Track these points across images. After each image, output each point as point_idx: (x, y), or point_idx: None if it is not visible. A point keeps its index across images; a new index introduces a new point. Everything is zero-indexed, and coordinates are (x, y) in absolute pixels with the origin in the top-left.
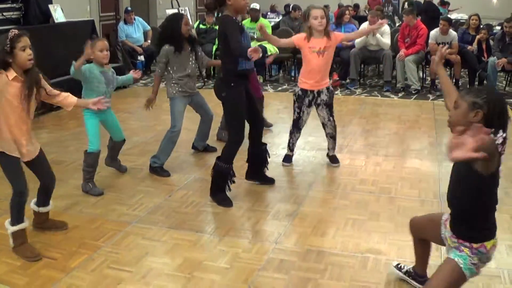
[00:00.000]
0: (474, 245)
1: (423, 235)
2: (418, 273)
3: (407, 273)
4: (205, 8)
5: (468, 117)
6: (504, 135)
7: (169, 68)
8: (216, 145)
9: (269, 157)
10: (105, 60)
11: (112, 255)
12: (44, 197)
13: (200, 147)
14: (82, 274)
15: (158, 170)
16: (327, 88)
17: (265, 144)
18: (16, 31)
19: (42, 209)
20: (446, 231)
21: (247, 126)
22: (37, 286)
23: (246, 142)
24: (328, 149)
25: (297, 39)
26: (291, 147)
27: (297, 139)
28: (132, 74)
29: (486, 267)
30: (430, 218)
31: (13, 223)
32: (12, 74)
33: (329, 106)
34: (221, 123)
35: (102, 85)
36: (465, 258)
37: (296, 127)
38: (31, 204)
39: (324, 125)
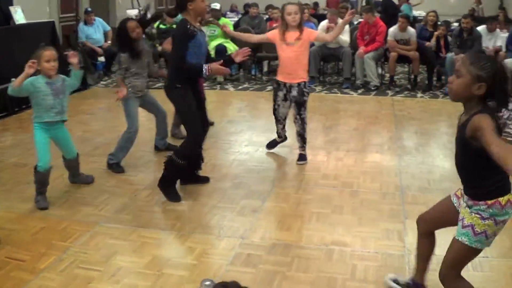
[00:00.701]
0: (489, 202)
1: (439, 221)
2: (416, 283)
3: (405, 285)
4: (166, 15)
5: (471, 89)
6: (501, 110)
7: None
8: (171, 141)
9: (203, 161)
10: (51, 72)
11: (81, 255)
12: None
13: (161, 146)
14: (52, 275)
15: (114, 166)
16: (298, 85)
17: (201, 148)
18: None
19: None
20: (462, 201)
21: None
22: None
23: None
24: (298, 146)
25: (272, 33)
26: (278, 134)
27: (281, 129)
28: (70, 60)
29: (442, 254)
30: (440, 203)
31: None
32: None
33: (298, 104)
34: (174, 119)
35: (49, 97)
36: (468, 234)
37: (275, 118)
38: None
39: (294, 122)
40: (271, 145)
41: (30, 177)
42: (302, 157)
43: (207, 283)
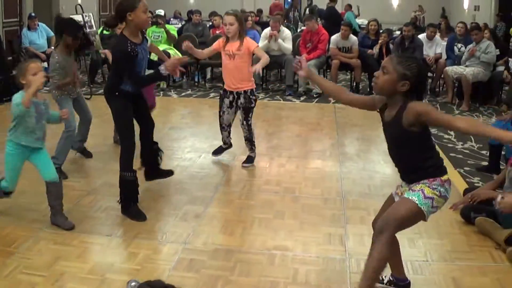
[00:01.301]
0: (430, 179)
1: None
2: (398, 278)
3: (388, 282)
4: (105, 26)
5: (396, 86)
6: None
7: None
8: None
9: (163, 153)
10: (40, 87)
11: (25, 260)
12: None
13: (75, 147)
14: None
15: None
16: (245, 92)
17: (157, 143)
18: None
19: None
20: (401, 189)
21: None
22: None
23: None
24: (248, 149)
25: (216, 43)
26: (223, 141)
27: (226, 136)
28: (60, 113)
29: None
30: (384, 204)
31: None
32: None
33: (245, 109)
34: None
35: (31, 120)
36: (418, 195)
37: (220, 125)
38: None
39: (241, 127)
40: (217, 151)
41: None
42: (249, 159)
43: (133, 284)
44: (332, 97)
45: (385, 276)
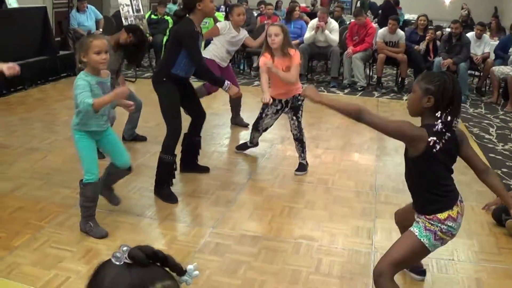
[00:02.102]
0: (428, 217)
1: (407, 222)
2: (414, 265)
3: None
4: (175, 16)
5: (421, 102)
6: (450, 118)
7: None
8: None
9: (200, 149)
10: (102, 66)
11: (55, 235)
12: None
13: (128, 137)
14: (25, 252)
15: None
16: (293, 96)
17: (200, 137)
18: None
19: None
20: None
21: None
22: None
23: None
24: (298, 155)
25: (262, 61)
26: (251, 139)
27: (257, 137)
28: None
29: None
30: (410, 206)
31: None
32: None
33: (294, 108)
34: None
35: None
36: (419, 227)
37: (255, 128)
38: None
39: (290, 125)
40: (242, 147)
41: (12, 158)
42: (301, 167)
43: (124, 248)
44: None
45: None
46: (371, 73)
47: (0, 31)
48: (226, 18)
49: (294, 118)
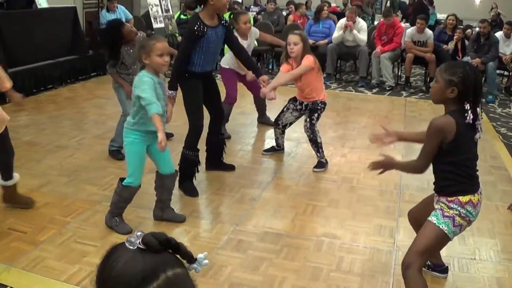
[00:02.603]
0: (449, 198)
1: (423, 217)
2: (436, 263)
3: (426, 266)
4: (185, 7)
5: (445, 93)
6: (478, 109)
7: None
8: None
9: (226, 146)
10: (164, 69)
11: (80, 230)
12: (6, 172)
13: None
14: (50, 247)
15: (114, 153)
16: (314, 102)
17: (223, 134)
18: None
19: (7, 183)
20: (434, 201)
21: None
22: (7, 257)
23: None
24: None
25: (284, 68)
26: (276, 142)
27: (279, 134)
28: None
29: None
30: (424, 201)
31: None
32: None
33: (311, 110)
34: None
35: (161, 102)
36: (437, 215)
37: (275, 122)
38: None
39: (304, 127)
40: (268, 150)
41: (41, 155)
42: (319, 164)
43: (139, 233)
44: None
45: None
46: (399, 73)
47: (30, 31)
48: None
49: (308, 119)
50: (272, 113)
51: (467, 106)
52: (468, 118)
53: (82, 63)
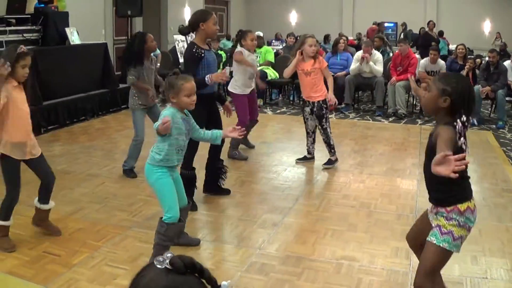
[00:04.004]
0: (448, 208)
1: (421, 236)
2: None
3: None
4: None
5: (438, 102)
6: (466, 122)
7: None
8: (228, 162)
9: (226, 172)
10: (191, 107)
11: (111, 254)
12: (44, 194)
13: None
14: (82, 269)
15: (127, 172)
16: (318, 102)
17: (222, 161)
18: (24, 48)
19: (43, 206)
20: (430, 214)
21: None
22: (42, 278)
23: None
24: (328, 152)
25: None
26: (308, 150)
27: (311, 143)
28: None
29: (450, 275)
30: (419, 219)
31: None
32: (14, 82)
33: (319, 117)
34: (231, 143)
35: (182, 137)
36: (435, 234)
37: (306, 130)
38: (34, 201)
39: (319, 132)
40: (301, 159)
41: (74, 183)
42: (329, 162)
43: (168, 255)
44: None
45: None
46: (414, 102)
47: (64, 66)
48: (239, 43)
49: (320, 127)
50: (294, 142)
51: (459, 118)
52: (457, 128)
53: (112, 96)
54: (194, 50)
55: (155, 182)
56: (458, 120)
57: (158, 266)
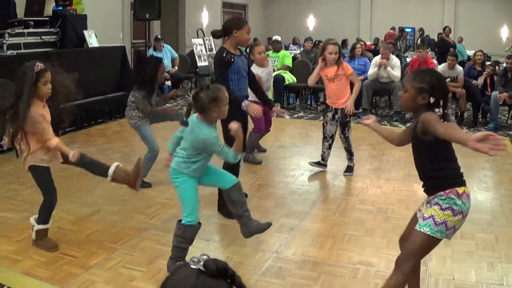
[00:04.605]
0: (447, 191)
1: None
2: None
3: None
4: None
5: (417, 100)
6: (446, 111)
7: (133, 105)
8: (245, 166)
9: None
10: (225, 116)
11: (128, 256)
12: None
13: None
14: (99, 271)
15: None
16: (342, 109)
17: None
18: (41, 65)
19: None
20: (422, 207)
21: None
22: (58, 279)
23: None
24: (347, 159)
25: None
26: (322, 156)
27: (326, 148)
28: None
29: (466, 281)
30: (409, 222)
31: (39, 223)
32: (40, 103)
33: (342, 124)
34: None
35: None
36: (429, 225)
37: (323, 135)
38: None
39: (340, 140)
40: (314, 163)
41: (91, 185)
42: (349, 169)
43: (204, 257)
44: (390, 142)
45: None
46: None
47: (82, 68)
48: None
49: (342, 135)
50: (311, 147)
51: (437, 110)
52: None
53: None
54: (224, 55)
55: (179, 185)
56: (437, 109)
57: (192, 266)
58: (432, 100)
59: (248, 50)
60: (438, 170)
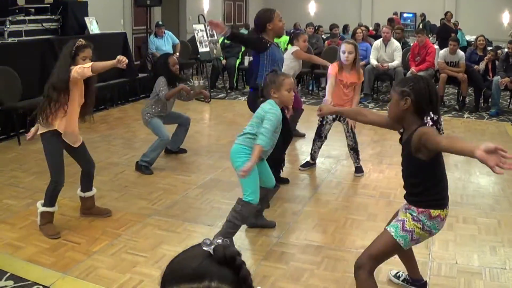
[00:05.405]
0: (419, 209)
1: None
2: (414, 278)
3: (405, 280)
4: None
5: (400, 105)
6: (435, 117)
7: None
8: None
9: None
10: (291, 103)
11: (130, 242)
12: (86, 183)
13: (176, 148)
14: (102, 257)
15: (142, 168)
16: None
17: (284, 153)
18: (82, 41)
19: (87, 194)
20: (401, 209)
21: None
22: (61, 265)
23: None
24: (353, 161)
25: (332, 70)
26: (311, 155)
27: (318, 147)
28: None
29: (469, 265)
30: (395, 214)
31: (44, 205)
32: None
33: (347, 123)
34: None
35: (275, 135)
36: (396, 227)
37: (317, 134)
38: (77, 191)
39: (346, 136)
40: (305, 165)
41: (94, 172)
42: (358, 170)
43: (219, 241)
44: (355, 120)
45: (401, 273)
46: None
47: None
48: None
49: (350, 131)
50: (313, 130)
51: (426, 116)
52: (427, 125)
53: (131, 85)
54: (263, 40)
55: (241, 165)
56: (428, 119)
57: (204, 248)
58: (415, 104)
59: (293, 36)
60: (418, 186)
